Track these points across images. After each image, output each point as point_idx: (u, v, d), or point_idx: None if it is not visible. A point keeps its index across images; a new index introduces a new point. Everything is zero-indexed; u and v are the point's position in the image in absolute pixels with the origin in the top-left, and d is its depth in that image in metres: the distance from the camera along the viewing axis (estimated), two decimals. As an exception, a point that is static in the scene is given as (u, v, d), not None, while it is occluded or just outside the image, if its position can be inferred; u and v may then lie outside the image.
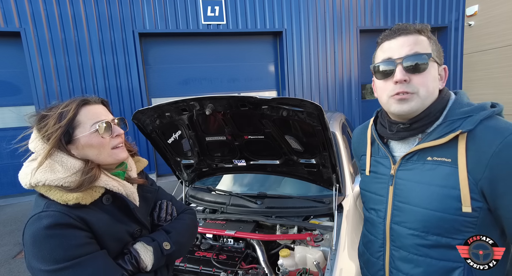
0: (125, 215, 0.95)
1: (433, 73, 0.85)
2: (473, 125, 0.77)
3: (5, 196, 5.86)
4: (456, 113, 0.82)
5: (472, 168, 0.76)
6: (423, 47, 0.85)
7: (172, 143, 1.91)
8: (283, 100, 1.47)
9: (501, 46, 7.45)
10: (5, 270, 3.25)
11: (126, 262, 0.89)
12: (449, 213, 0.79)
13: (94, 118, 0.91)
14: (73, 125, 0.88)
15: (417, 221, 0.86)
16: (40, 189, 0.84)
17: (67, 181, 0.84)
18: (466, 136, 0.78)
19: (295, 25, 7.06)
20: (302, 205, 1.93)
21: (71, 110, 0.88)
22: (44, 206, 0.81)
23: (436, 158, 0.82)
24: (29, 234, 0.78)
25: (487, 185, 0.75)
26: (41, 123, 0.89)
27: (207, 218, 2.05)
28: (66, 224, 0.79)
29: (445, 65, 0.89)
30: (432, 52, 0.85)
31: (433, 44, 0.87)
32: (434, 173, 0.83)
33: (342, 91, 7.60)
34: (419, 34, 0.86)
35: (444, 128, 0.82)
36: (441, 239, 0.82)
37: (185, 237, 1.09)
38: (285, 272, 1.60)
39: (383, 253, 0.97)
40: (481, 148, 0.76)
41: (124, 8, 6.06)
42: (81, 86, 5.97)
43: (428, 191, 0.83)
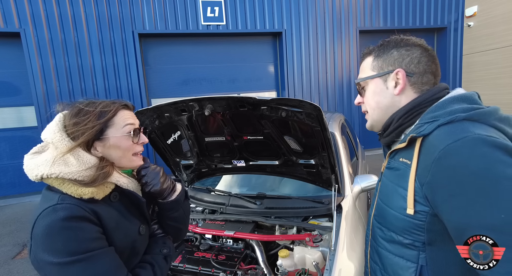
0: (131, 211, 0.97)
1: (373, 90, 0.96)
2: (428, 131, 0.77)
3: (5, 197, 5.85)
4: (426, 117, 0.83)
5: (420, 172, 0.78)
6: (363, 71, 0.98)
7: (172, 144, 1.91)
8: (282, 101, 1.47)
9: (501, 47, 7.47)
10: (5, 271, 3.25)
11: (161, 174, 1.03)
12: (399, 212, 0.83)
13: (127, 121, 0.94)
14: (108, 124, 0.91)
15: (381, 216, 0.93)
16: (53, 182, 0.84)
17: (81, 175, 0.84)
18: (421, 141, 0.79)
19: (294, 25, 7.07)
20: (301, 205, 1.93)
21: (112, 111, 0.91)
22: (58, 199, 0.81)
23: (403, 159, 0.86)
24: (42, 226, 0.77)
25: (429, 191, 0.76)
26: (78, 117, 0.88)
27: (206, 219, 2.05)
28: (82, 217, 0.80)
29: (398, 69, 0.90)
30: (373, 69, 0.95)
31: (376, 59, 0.95)
32: (399, 173, 0.86)
33: (341, 92, 7.61)
34: (367, 56, 0.98)
35: (412, 132, 0.84)
36: (396, 236, 0.87)
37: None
38: (284, 272, 1.59)
39: (368, 243, 1.06)
40: (428, 153, 0.76)
41: (124, 8, 6.06)
42: (81, 87, 5.97)
43: (392, 190, 0.88)
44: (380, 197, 0.96)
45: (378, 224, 0.95)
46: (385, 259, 0.92)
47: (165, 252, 1.03)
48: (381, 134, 1.01)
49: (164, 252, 1.03)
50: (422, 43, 0.92)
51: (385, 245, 0.92)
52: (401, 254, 0.86)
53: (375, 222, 0.98)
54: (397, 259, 0.87)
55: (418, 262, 0.83)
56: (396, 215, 0.84)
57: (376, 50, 0.96)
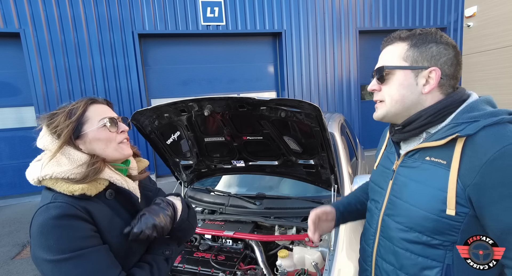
0: (127, 210, 0.99)
1: (400, 82, 0.88)
2: (473, 131, 0.75)
3: (4, 197, 5.85)
4: (463, 117, 0.81)
5: (463, 173, 0.76)
6: (392, 58, 0.90)
7: (171, 144, 1.91)
8: (282, 101, 1.47)
9: (500, 47, 7.47)
10: (4, 271, 3.25)
11: (164, 207, 1.02)
12: (433, 213, 0.81)
13: (101, 115, 0.97)
14: (82, 121, 0.94)
15: (403, 216, 0.89)
16: (47, 182, 0.87)
17: (73, 172, 0.87)
18: (464, 141, 0.77)
19: (294, 26, 7.08)
20: (300, 205, 1.94)
21: (80, 107, 0.95)
22: (51, 197, 0.85)
23: (434, 159, 0.83)
24: (36, 225, 0.81)
25: (475, 192, 0.74)
26: (51, 120, 0.94)
27: (206, 219, 2.05)
28: (73, 215, 0.82)
29: (433, 67, 0.85)
30: (405, 60, 0.87)
31: (411, 49, 0.88)
32: (428, 173, 0.84)
33: (341, 92, 7.61)
34: (400, 41, 0.90)
35: (447, 131, 0.81)
36: (422, 236, 0.84)
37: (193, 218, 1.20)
38: (283, 272, 1.59)
39: (373, 241, 1.03)
40: (477, 154, 0.74)
41: (124, 9, 6.07)
42: (81, 87, 5.97)
43: (419, 189, 0.85)
44: (398, 196, 0.93)
45: (398, 224, 0.92)
46: (406, 260, 0.89)
47: (167, 254, 1.02)
48: (398, 129, 0.95)
49: (166, 254, 1.02)
50: (455, 44, 0.89)
51: (406, 245, 0.89)
52: (426, 254, 0.85)
53: (390, 221, 0.94)
54: (421, 259, 0.86)
55: (444, 261, 0.82)
56: (427, 216, 0.82)
57: (413, 39, 0.88)
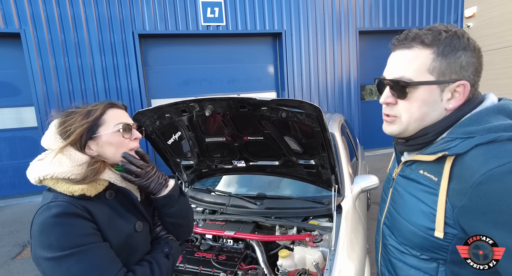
0: (128, 209, 1.00)
1: (423, 98, 0.76)
2: (463, 150, 0.68)
3: (5, 197, 5.85)
4: (459, 131, 0.73)
5: (452, 194, 0.70)
6: (415, 68, 0.75)
7: (172, 144, 1.91)
8: (282, 101, 1.48)
9: (500, 48, 7.48)
10: (4, 271, 3.25)
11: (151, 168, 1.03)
12: (420, 230, 0.77)
13: (118, 120, 0.98)
14: (98, 123, 0.96)
15: (396, 228, 0.87)
16: (48, 182, 0.89)
17: (73, 173, 0.88)
18: (453, 160, 0.70)
19: (294, 26, 7.08)
20: (301, 205, 1.94)
21: (99, 109, 0.96)
22: (52, 197, 0.86)
23: (427, 174, 0.78)
24: (37, 224, 0.82)
25: (463, 216, 0.69)
26: (68, 117, 0.95)
27: (206, 219, 2.05)
28: (73, 214, 0.84)
29: (462, 81, 0.73)
30: (431, 73, 0.74)
31: (438, 59, 0.73)
32: (421, 187, 0.79)
33: (341, 93, 7.61)
34: (422, 47, 0.75)
35: (439, 146, 0.75)
36: (411, 250, 0.82)
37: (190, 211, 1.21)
38: (284, 272, 1.60)
39: (378, 249, 1.01)
40: (464, 176, 0.68)
41: (124, 9, 6.07)
42: (81, 87, 5.97)
43: (410, 203, 0.81)
44: (394, 205, 0.89)
45: (391, 233, 0.89)
46: (400, 270, 0.86)
47: (166, 251, 1.05)
48: (401, 142, 0.87)
49: (165, 251, 1.04)
50: (479, 46, 0.76)
51: (398, 256, 0.86)
52: (418, 266, 0.80)
53: (387, 230, 0.91)
54: (413, 271, 0.81)
55: (437, 275, 0.77)
56: (415, 232, 0.78)
57: (440, 45, 0.73)
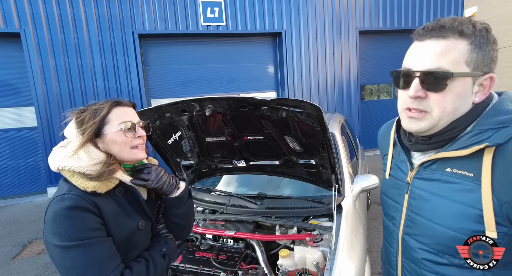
0: (133, 207, 1.04)
1: (458, 91, 0.72)
2: (504, 139, 0.65)
3: (5, 197, 5.85)
4: (489, 122, 0.70)
5: (498, 188, 0.66)
6: (452, 59, 0.71)
7: (172, 144, 1.91)
8: (283, 101, 1.48)
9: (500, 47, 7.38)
10: (5, 271, 3.24)
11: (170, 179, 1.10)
12: (464, 233, 0.71)
13: (122, 118, 1.01)
14: (104, 121, 0.99)
15: (428, 235, 0.79)
16: (65, 173, 0.94)
17: (89, 169, 0.93)
18: (494, 151, 0.67)
19: (294, 26, 7.07)
20: (301, 205, 1.94)
21: (105, 108, 0.99)
22: (67, 189, 0.92)
23: (457, 170, 0.72)
24: (51, 212, 0.88)
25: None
26: (80, 114, 1.00)
27: (207, 219, 2.05)
28: (84, 208, 0.89)
29: (492, 74, 0.74)
30: (468, 65, 0.71)
31: (475, 51, 0.72)
32: (453, 187, 0.73)
33: (341, 93, 7.61)
34: (459, 37, 0.71)
35: (470, 139, 0.71)
36: (454, 259, 0.75)
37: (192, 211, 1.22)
38: (284, 272, 1.60)
39: (396, 263, 0.93)
40: (510, 166, 0.64)
41: (124, 9, 6.06)
42: (81, 87, 5.97)
43: (443, 206, 0.75)
44: (417, 212, 0.82)
45: (421, 244, 0.81)
46: None
47: (164, 251, 1.07)
48: (423, 140, 0.80)
49: (163, 251, 1.07)
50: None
51: (435, 268, 0.79)
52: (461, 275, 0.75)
53: (415, 242, 0.83)
54: None
55: None
56: (458, 237, 0.71)
57: (477, 37, 0.72)
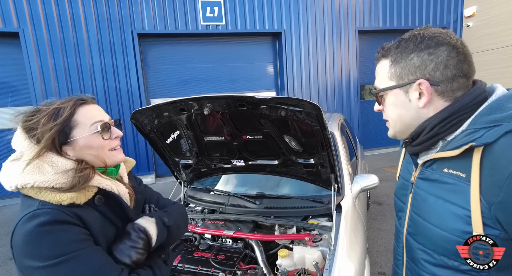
0: (116, 215, 0.93)
1: (393, 102, 0.82)
2: (492, 138, 0.64)
3: (4, 197, 5.84)
4: (482, 121, 0.70)
5: (486, 189, 0.65)
6: (380, 78, 0.84)
7: (171, 143, 1.90)
8: (282, 100, 1.47)
9: (500, 47, 7.47)
10: (3, 272, 3.23)
11: (135, 241, 0.87)
12: (455, 235, 0.71)
13: (93, 119, 0.87)
14: (70, 125, 0.83)
15: (424, 236, 0.80)
16: (29, 191, 0.78)
17: (58, 182, 0.79)
18: (482, 150, 0.66)
19: (294, 26, 7.07)
20: (300, 205, 1.93)
21: (67, 108, 0.83)
22: (38, 204, 0.76)
23: (452, 171, 0.73)
24: (21, 234, 0.73)
25: (502, 213, 0.64)
26: (30, 118, 0.83)
27: (205, 218, 2.04)
28: (64, 221, 0.76)
29: (420, 80, 0.75)
30: (391, 78, 0.80)
31: (393, 66, 0.80)
32: (448, 187, 0.74)
33: (341, 92, 7.61)
34: (382, 58, 0.83)
35: (463, 138, 0.71)
36: (448, 260, 0.75)
37: (180, 218, 1.12)
38: (283, 272, 1.59)
39: (401, 262, 0.93)
40: (498, 166, 0.63)
41: (123, 8, 6.05)
42: (80, 87, 5.96)
43: (438, 206, 0.76)
44: (417, 212, 0.84)
45: (419, 244, 0.82)
46: None
47: (163, 257, 1.02)
48: (407, 142, 0.86)
49: (163, 257, 1.02)
50: (448, 39, 0.75)
51: (431, 269, 0.79)
52: None
53: (414, 242, 0.84)
54: None
55: None
56: (449, 238, 0.72)
57: (393, 53, 0.80)
